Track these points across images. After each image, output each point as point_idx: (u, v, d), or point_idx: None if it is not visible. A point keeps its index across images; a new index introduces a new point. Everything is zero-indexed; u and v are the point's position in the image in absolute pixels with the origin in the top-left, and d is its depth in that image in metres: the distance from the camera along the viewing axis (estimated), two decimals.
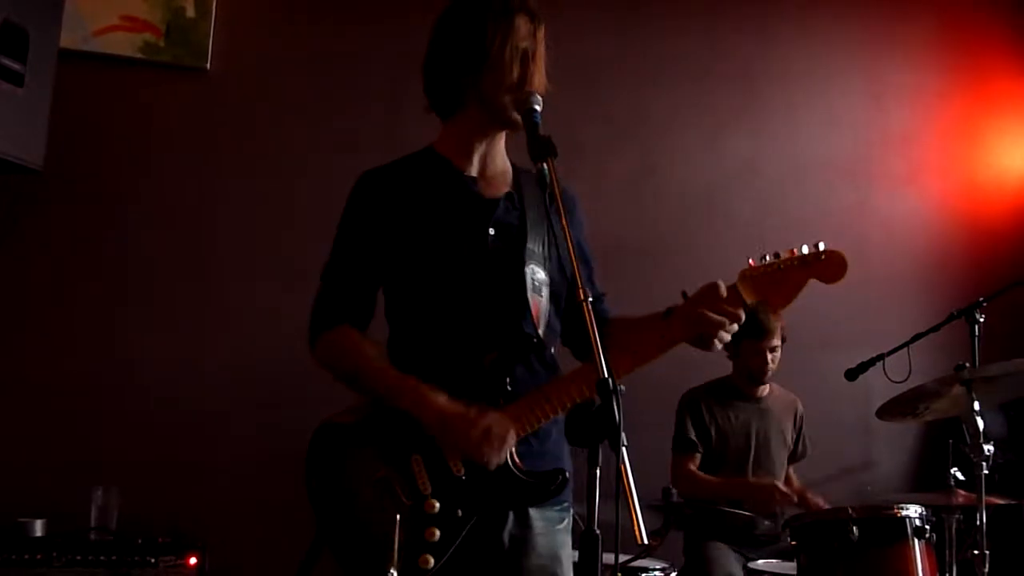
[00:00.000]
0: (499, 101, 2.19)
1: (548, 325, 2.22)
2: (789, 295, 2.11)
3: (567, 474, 2.09)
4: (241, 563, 3.97)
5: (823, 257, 2.10)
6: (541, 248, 2.24)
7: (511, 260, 2.18)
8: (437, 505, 2.07)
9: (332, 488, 2.16)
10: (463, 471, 2.07)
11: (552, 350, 2.26)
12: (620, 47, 4.85)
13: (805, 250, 2.11)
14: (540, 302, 2.19)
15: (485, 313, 2.17)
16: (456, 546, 2.05)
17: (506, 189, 2.28)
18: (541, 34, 2.23)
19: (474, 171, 2.28)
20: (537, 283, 2.19)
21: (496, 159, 2.31)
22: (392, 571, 1.94)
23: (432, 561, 2.03)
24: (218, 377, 4.19)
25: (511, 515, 2.15)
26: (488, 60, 2.19)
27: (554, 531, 2.20)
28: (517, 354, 2.13)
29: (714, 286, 2.10)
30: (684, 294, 2.15)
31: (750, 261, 2.13)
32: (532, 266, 2.19)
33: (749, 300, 2.11)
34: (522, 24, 2.21)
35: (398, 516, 2.00)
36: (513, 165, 2.35)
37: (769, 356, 4.03)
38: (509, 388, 2.10)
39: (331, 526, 2.15)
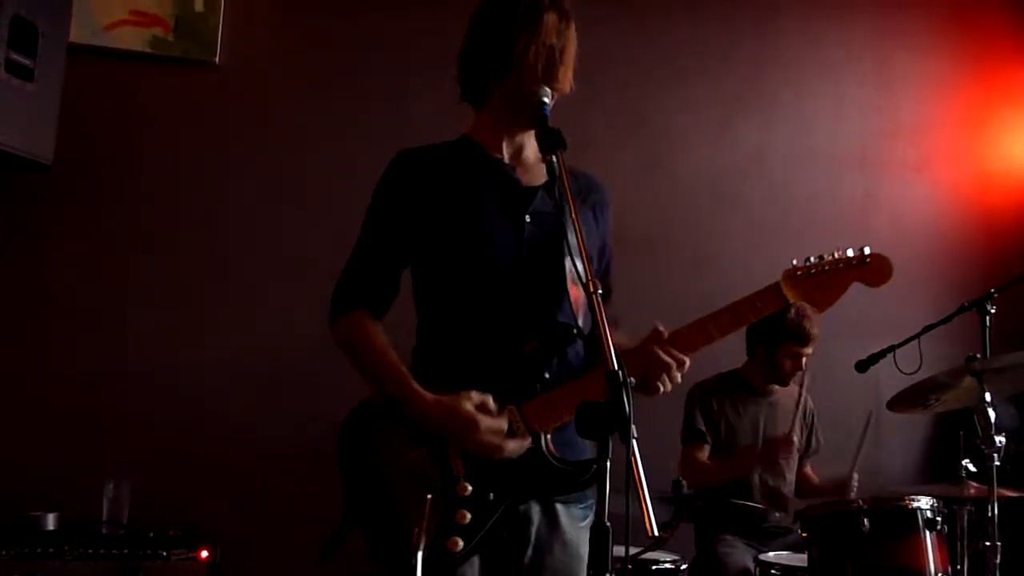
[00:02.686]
0: (526, 98, 2.18)
1: (586, 317, 2.21)
2: (832, 297, 2.14)
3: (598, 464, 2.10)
4: (252, 556, 3.99)
5: (868, 260, 2.13)
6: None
7: (549, 250, 2.18)
8: (469, 488, 2.07)
9: (364, 466, 2.18)
10: (463, 470, 2.08)
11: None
12: (627, 37, 4.83)
13: (850, 252, 2.14)
14: (580, 294, 2.17)
15: (523, 301, 2.17)
16: (485, 531, 2.05)
17: (543, 179, 2.25)
18: (571, 31, 2.23)
19: (508, 158, 2.29)
20: (573, 277, 2.18)
21: (529, 150, 2.31)
22: (419, 553, 1.95)
23: (461, 544, 2.04)
24: (230, 371, 4.20)
25: (538, 511, 2.16)
26: (514, 58, 2.19)
27: (578, 529, 2.20)
28: (557, 344, 2.14)
29: (658, 331, 2.11)
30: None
31: (793, 262, 2.15)
32: (572, 258, 2.17)
33: (791, 299, 2.14)
34: (550, 21, 2.21)
35: (428, 496, 2.01)
36: None
37: (803, 361, 4.04)
38: (547, 377, 2.11)
39: (361, 504, 2.17)
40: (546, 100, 2.12)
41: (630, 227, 4.56)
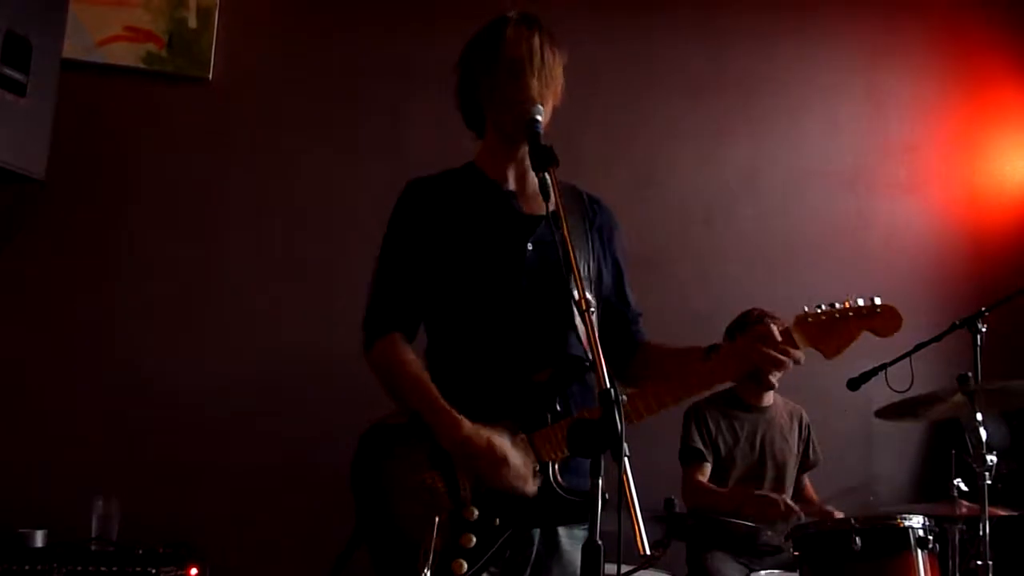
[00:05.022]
0: (502, 118, 2.24)
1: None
2: (840, 345, 2.13)
3: (606, 496, 2.10)
4: (242, 574, 3.97)
5: (878, 311, 2.13)
6: (587, 270, 2.27)
7: (555, 280, 2.18)
8: (476, 512, 2.08)
9: (375, 487, 2.19)
10: (470, 494, 2.09)
11: None
12: (619, 56, 4.85)
13: (860, 302, 2.13)
14: (591, 320, 2.19)
15: (528, 330, 2.19)
16: (489, 555, 2.07)
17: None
18: (535, 40, 2.23)
19: (512, 186, 2.31)
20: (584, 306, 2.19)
21: (532, 176, 2.29)
22: (426, 572, 1.97)
23: (465, 567, 2.05)
24: (220, 387, 4.18)
25: (538, 532, 2.17)
26: (485, 81, 2.25)
27: (578, 549, 2.19)
28: (569, 375, 2.16)
29: (770, 330, 2.11)
30: (728, 334, 2.19)
31: (805, 308, 2.14)
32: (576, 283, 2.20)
33: (800, 345, 2.12)
34: (511, 33, 2.24)
35: (436, 519, 2.04)
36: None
37: None
38: (558, 408, 2.12)
39: (370, 524, 2.18)
40: (538, 118, 2.13)
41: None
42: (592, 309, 1.90)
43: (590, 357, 2.13)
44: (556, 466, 2.10)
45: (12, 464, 3.96)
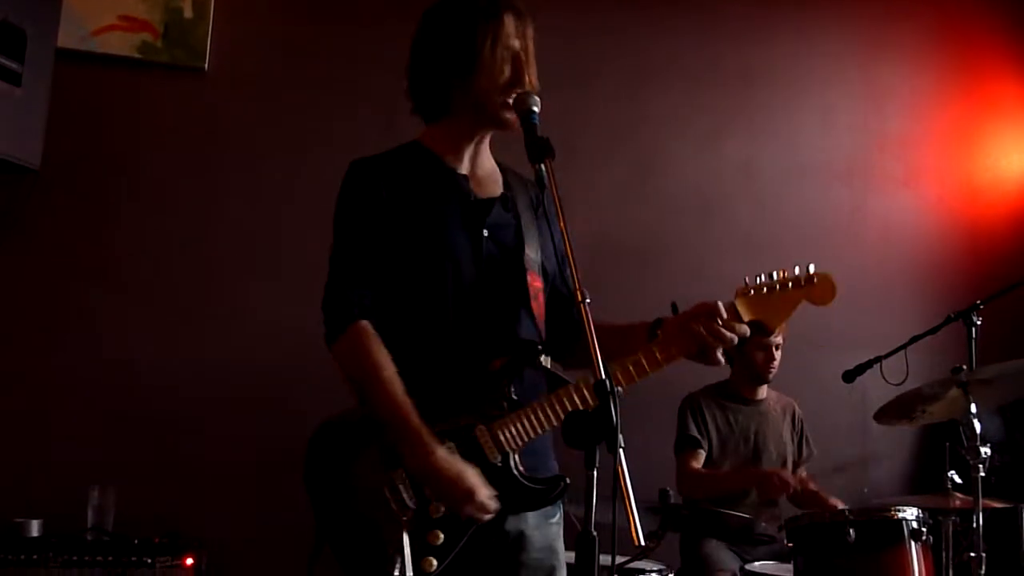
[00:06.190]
0: (492, 102, 2.19)
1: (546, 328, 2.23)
2: (781, 316, 2.14)
3: (567, 481, 2.10)
4: (238, 563, 3.97)
5: (814, 280, 2.12)
6: (536, 254, 2.25)
7: (510, 265, 2.18)
8: (441, 508, 2.05)
9: (335, 486, 2.13)
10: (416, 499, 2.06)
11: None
12: (616, 49, 4.85)
13: (796, 271, 2.14)
14: (539, 308, 2.20)
15: (485, 318, 2.16)
16: (458, 550, 2.04)
17: (499, 191, 2.27)
18: (530, 32, 2.22)
19: (464, 170, 2.27)
20: (535, 290, 2.20)
21: (484, 159, 2.31)
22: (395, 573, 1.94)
23: (435, 564, 2.03)
24: (216, 377, 4.18)
25: (510, 516, 2.14)
26: (479, 61, 2.18)
27: (547, 524, 2.21)
28: (524, 361, 2.12)
29: (714, 305, 2.11)
30: (674, 306, 2.17)
31: (745, 279, 2.15)
32: (532, 273, 2.20)
33: (747, 318, 2.13)
34: (510, 22, 2.21)
35: (404, 519, 2.01)
36: (499, 164, 2.36)
37: (775, 353, 4.04)
38: (514, 396, 2.10)
39: (332, 525, 2.13)
40: (535, 109, 2.11)
41: (619, 240, 4.60)
42: (588, 300, 1.87)
43: (543, 341, 2.16)
44: (518, 455, 2.08)
45: (8, 454, 3.96)
